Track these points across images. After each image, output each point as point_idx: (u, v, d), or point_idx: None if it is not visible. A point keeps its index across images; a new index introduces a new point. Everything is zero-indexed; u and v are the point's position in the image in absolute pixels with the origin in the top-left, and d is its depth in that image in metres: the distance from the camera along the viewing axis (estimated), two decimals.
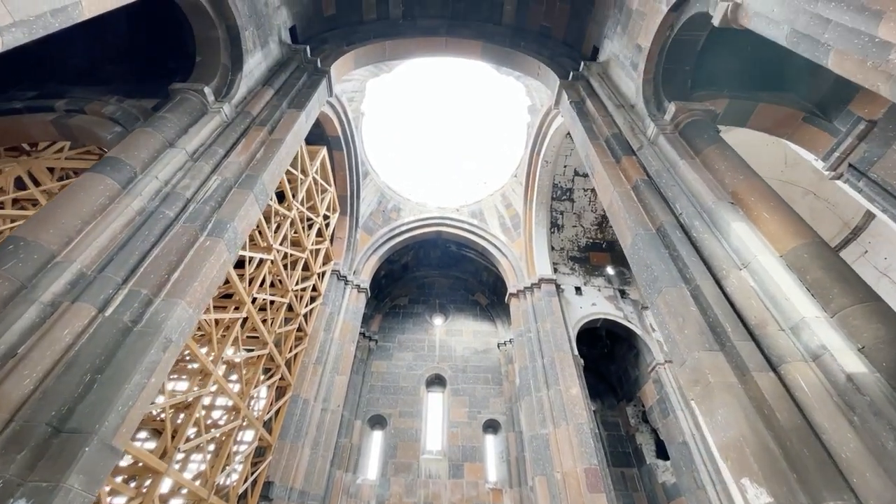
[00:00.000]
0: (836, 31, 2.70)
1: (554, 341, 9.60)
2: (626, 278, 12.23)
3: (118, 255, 3.20)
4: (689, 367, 3.22)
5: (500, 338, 13.61)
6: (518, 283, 11.57)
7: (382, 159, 12.79)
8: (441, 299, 14.93)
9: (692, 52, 5.08)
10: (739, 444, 2.66)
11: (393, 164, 13.29)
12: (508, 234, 12.88)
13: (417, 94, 13.57)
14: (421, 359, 13.04)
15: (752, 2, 3.48)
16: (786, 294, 2.99)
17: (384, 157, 12.94)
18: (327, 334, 9.65)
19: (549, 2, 8.07)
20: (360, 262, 11.82)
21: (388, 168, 13.00)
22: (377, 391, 12.15)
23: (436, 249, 14.91)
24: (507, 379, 12.49)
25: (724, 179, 3.95)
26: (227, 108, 4.78)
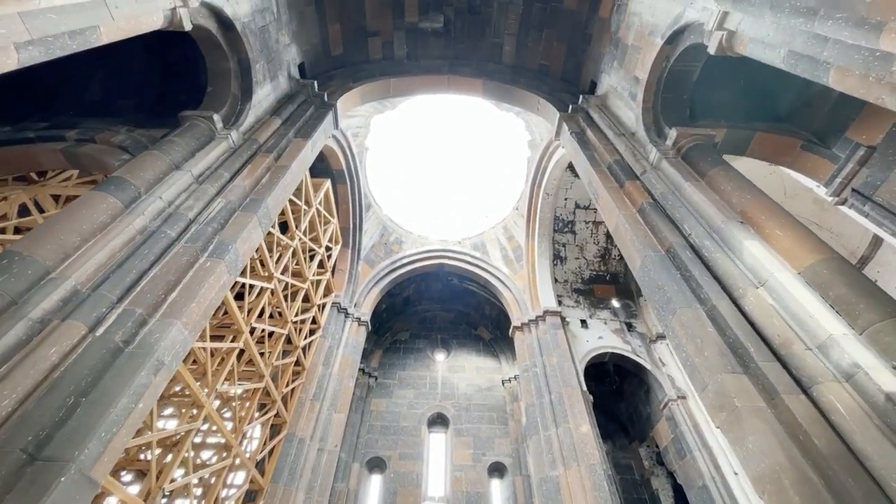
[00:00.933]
0: (836, 49, 2.75)
1: (561, 376, 9.24)
2: (631, 311, 12.00)
3: (115, 273, 3.10)
4: (711, 392, 3.03)
5: (505, 374, 13.17)
6: (522, 316, 11.34)
7: (385, 193, 12.97)
8: (443, 334, 14.59)
9: (688, 82, 5.23)
10: (776, 475, 2.43)
11: (395, 197, 13.46)
12: (511, 266, 12.79)
13: (420, 130, 13.99)
14: (422, 396, 12.54)
15: (746, 28, 3.59)
16: (809, 311, 2.86)
17: (387, 190, 13.13)
18: (326, 369, 9.32)
19: (546, 41, 8.46)
20: (361, 294, 11.65)
21: (391, 201, 13.14)
22: (376, 431, 11.58)
23: (437, 282, 14.77)
24: (512, 418, 11.94)
25: (732, 199, 3.92)
26: (235, 135, 4.86)
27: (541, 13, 8.28)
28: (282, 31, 6.25)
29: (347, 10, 8.08)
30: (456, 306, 15.18)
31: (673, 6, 4.82)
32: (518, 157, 12.24)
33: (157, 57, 6.64)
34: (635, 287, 12.43)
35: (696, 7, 4.35)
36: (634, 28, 5.82)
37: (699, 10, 4.30)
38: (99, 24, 2.98)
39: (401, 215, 13.32)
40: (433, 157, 14.40)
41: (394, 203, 13.23)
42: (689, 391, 9.65)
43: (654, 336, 11.03)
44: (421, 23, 8.92)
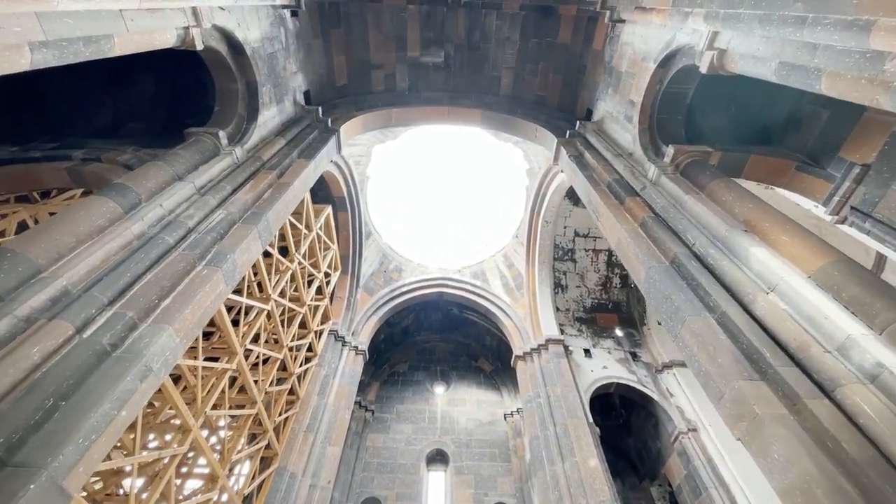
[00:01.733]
0: (826, 55, 2.84)
1: (566, 406, 8.89)
2: (636, 340, 11.75)
3: (109, 276, 3.02)
4: (729, 401, 2.87)
5: (507, 408, 12.68)
6: (524, 345, 11.07)
7: (385, 221, 13.05)
8: (442, 366, 14.20)
9: (682, 103, 5.39)
10: (806, 486, 2.25)
11: (395, 226, 13.54)
12: (511, 294, 12.65)
13: (420, 160, 14.30)
14: (421, 432, 12.00)
15: (737, 45, 3.74)
16: (824, 313, 2.76)
17: (387, 219, 13.22)
18: (321, 399, 8.96)
19: (543, 74, 8.82)
20: (359, 322, 11.43)
21: (391, 230, 13.20)
22: (372, 469, 10.97)
23: (437, 312, 14.56)
24: (515, 454, 11.36)
25: (734, 209, 3.91)
26: (239, 151, 4.93)
27: (537, 48, 8.69)
28: (289, 60, 6.51)
29: (352, 43, 8.47)
30: (456, 337, 14.88)
31: (663, 33, 5.05)
32: (517, 185, 12.44)
33: (167, 82, 6.88)
34: (638, 316, 12.25)
35: (686, 31, 4.55)
36: (627, 56, 6.08)
37: (689, 33, 4.49)
38: (114, 34, 3.08)
39: (401, 244, 13.33)
40: (433, 186, 14.65)
41: (394, 231, 13.29)
42: (700, 423, 9.25)
43: (661, 366, 10.73)
44: (422, 57, 9.32)
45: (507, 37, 8.88)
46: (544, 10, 8.13)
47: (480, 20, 8.86)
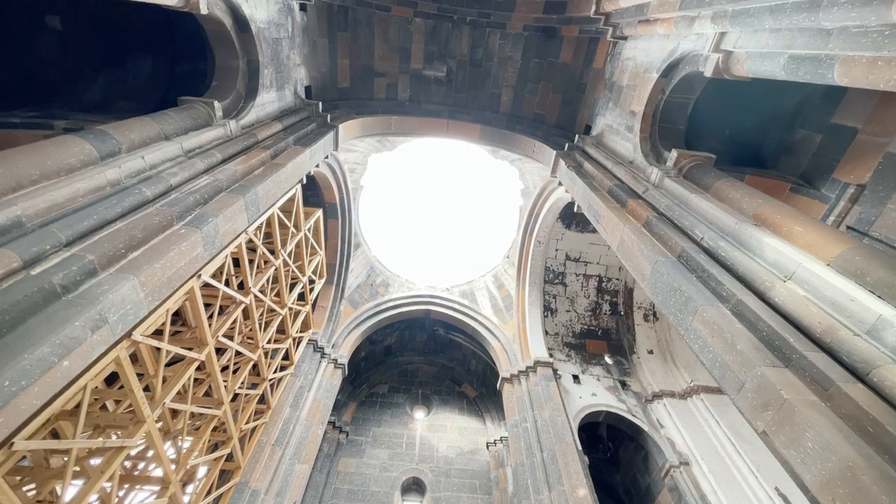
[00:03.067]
0: (841, 39, 2.84)
1: (554, 432, 8.43)
2: (625, 369, 11.45)
3: (73, 216, 2.69)
4: (750, 391, 2.62)
5: (490, 436, 12.04)
6: (511, 367, 10.66)
7: (375, 233, 12.81)
8: (424, 389, 13.56)
9: (684, 113, 5.44)
10: (849, 474, 1.99)
11: (386, 239, 13.31)
12: (500, 315, 12.34)
13: (415, 176, 14.30)
14: (398, 458, 11.23)
15: (744, 43, 3.78)
16: (850, 296, 2.60)
17: (377, 231, 13.00)
18: (293, 412, 8.32)
19: (543, 92, 9.00)
20: (340, 335, 10.91)
21: (381, 243, 12.95)
22: (342, 496, 10.11)
23: (422, 332, 14.08)
24: (497, 486, 10.65)
25: (742, 206, 3.82)
26: (234, 125, 4.72)
27: (537, 67, 8.91)
28: (293, 51, 6.46)
29: (357, 49, 8.55)
30: (440, 359, 14.34)
31: (666, 43, 5.17)
32: (510, 205, 12.46)
33: (165, 66, 6.74)
34: (628, 344, 12.01)
35: (691, 38, 4.64)
36: (629, 70, 6.21)
37: (694, 39, 4.58)
38: None
39: (389, 258, 13.05)
40: (426, 202, 14.59)
41: (383, 245, 13.04)
42: (692, 456, 8.84)
43: (650, 395, 10.39)
44: (425, 70, 9.46)
45: (509, 56, 9.10)
46: (547, 32, 8.39)
47: (484, 39, 9.09)
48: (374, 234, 12.73)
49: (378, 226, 13.15)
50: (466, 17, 8.84)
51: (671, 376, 10.85)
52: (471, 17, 8.77)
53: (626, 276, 12.26)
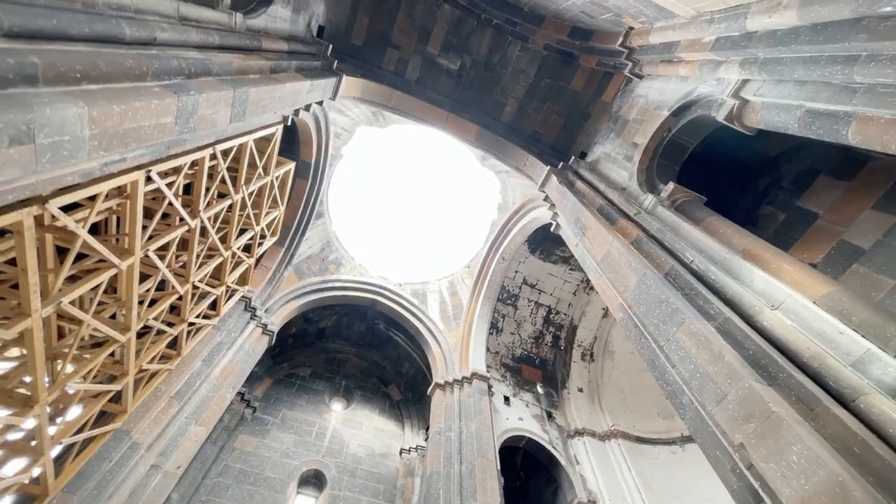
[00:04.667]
0: (867, 96, 3.02)
1: (478, 445, 8.17)
2: (554, 401, 11.55)
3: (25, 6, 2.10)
4: (734, 402, 2.56)
5: (406, 443, 11.51)
6: (447, 375, 10.35)
7: (342, 208, 12.19)
8: (349, 381, 12.82)
9: (682, 155, 5.67)
10: (839, 490, 1.91)
11: (350, 217, 12.69)
12: (447, 322, 12.08)
13: (398, 163, 13.93)
14: (303, 446, 10.35)
15: (765, 92, 3.97)
16: (839, 328, 2.64)
17: (344, 207, 12.38)
18: (205, 367, 7.39)
19: (546, 112, 9.16)
20: (277, 302, 10.05)
21: (344, 219, 12.32)
22: (231, 475, 9.05)
23: (361, 323, 13.43)
24: (401, 496, 10.10)
25: (732, 241, 3.93)
26: (239, 19, 4.20)
27: (547, 88, 9.08)
28: None
29: (380, 13, 8.25)
30: (373, 355, 13.69)
31: (684, 85, 5.40)
32: (484, 217, 12.42)
33: None
34: (561, 378, 12.17)
35: (710, 82, 4.86)
36: (639, 106, 6.44)
37: (713, 84, 4.80)
38: None
39: (349, 237, 12.42)
40: (401, 193, 14.21)
41: (346, 222, 12.41)
42: (601, 495, 8.94)
43: (573, 431, 10.51)
44: (439, 57, 9.31)
45: (523, 69, 9.21)
46: (565, 56, 8.60)
47: (504, 46, 9.14)
48: (340, 208, 12.12)
49: (346, 202, 12.54)
50: (493, 20, 8.86)
51: (595, 417, 11.08)
52: (497, 21, 8.81)
53: (574, 312, 12.57)
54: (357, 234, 12.73)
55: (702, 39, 4.68)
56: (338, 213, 11.90)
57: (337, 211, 11.85)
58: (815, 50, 3.27)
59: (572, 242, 6.91)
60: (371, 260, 12.84)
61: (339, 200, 11.92)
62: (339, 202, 11.94)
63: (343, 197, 12.24)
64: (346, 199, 12.52)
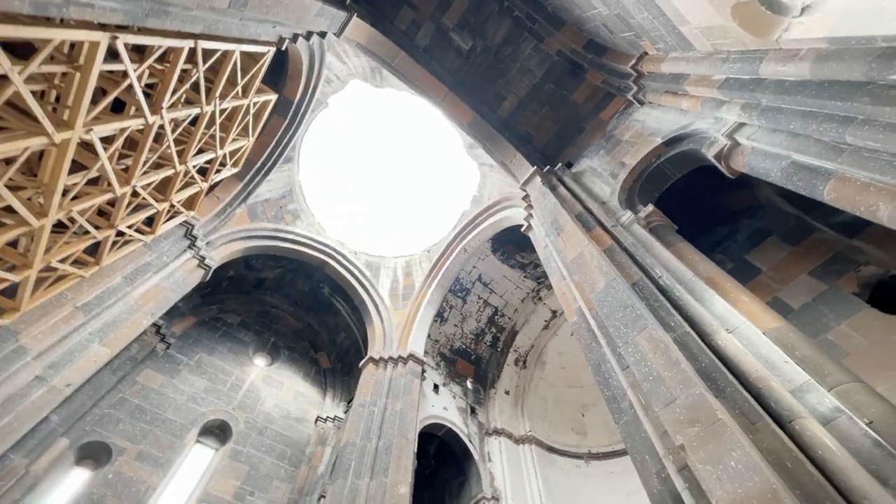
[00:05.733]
0: (852, 157, 3.24)
1: (400, 425, 8.06)
2: (480, 398, 11.72)
3: None
4: (682, 406, 2.63)
5: (325, 412, 11.15)
6: (384, 351, 10.15)
7: (313, 160, 11.54)
8: (278, 339, 12.20)
9: (664, 184, 5.89)
10: (771, 496, 2.00)
11: (319, 172, 12.06)
12: (395, 301, 11.86)
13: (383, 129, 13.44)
14: (215, 394, 9.69)
15: (759, 137, 4.19)
16: (784, 357, 2.80)
17: (316, 159, 11.74)
18: (125, 284, 6.64)
19: (542, 116, 9.21)
20: (222, 238, 9.31)
21: (312, 172, 11.67)
22: (125, 409, 8.26)
23: (306, 283, 12.84)
24: (308, 463, 9.76)
25: (698, 267, 4.10)
26: None
27: (549, 93, 9.13)
28: None
29: None
30: (310, 318, 13.13)
31: (682, 118, 5.60)
32: (455, 206, 12.27)
33: None
34: (491, 379, 12.37)
35: (708, 120, 5.07)
36: (634, 130, 6.62)
37: (710, 122, 5.00)
38: None
39: (313, 191, 11.78)
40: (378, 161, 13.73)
41: (314, 176, 11.77)
42: (505, 494, 9.17)
43: (492, 430, 10.72)
44: (453, 32, 9.08)
45: (530, 69, 9.20)
46: (574, 67, 8.68)
47: (518, 40, 9.08)
48: (312, 159, 11.47)
49: (319, 154, 11.89)
50: (515, 11, 8.76)
51: (515, 420, 11.38)
52: (519, 13, 8.72)
53: (519, 318, 12.83)
54: (322, 190, 12.14)
55: (711, 77, 4.87)
56: (308, 164, 11.26)
57: (307, 161, 11.21)
58: (817, 105, 3.47)
59: (541, 244, 6.99)
60: (331, 220, 12.31)
61: (313, 151, 11.29)
62: (312, 153, 11.30)
63: (317, 148, 11.61)
64: (320, 151, 11.90)
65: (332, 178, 12.62)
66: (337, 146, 12.67)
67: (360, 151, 13.18)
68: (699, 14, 4.31)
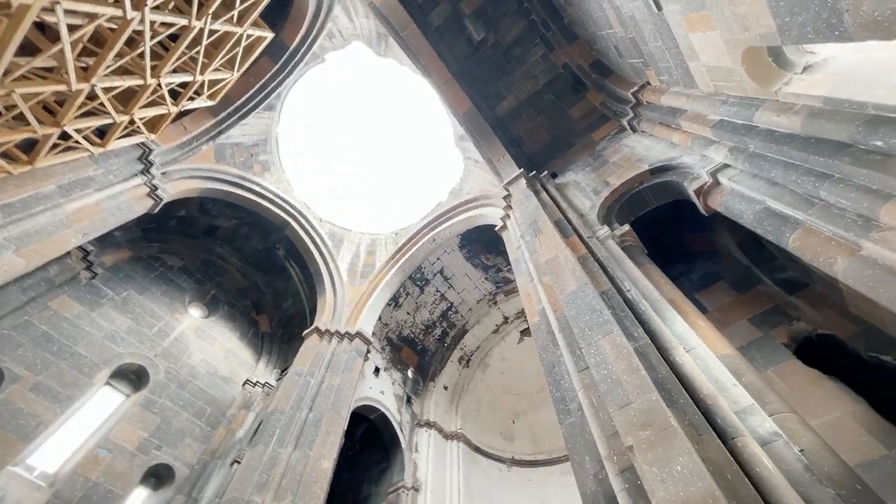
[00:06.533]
0: (821, 211, 3.46)
1: (335, 400, 7.82)
2: (418, 389, 11.66)
3: None
4: (636, 409, 2.67)
5: (255, 377, 10.60)
6: (331, 324, 9.81)
7: (296, 115, 10.97)
8: (220, 293, 11.49)
9: (641, 209, 6.09)
10: (711, 502, 2.05)
11: (301, 129, 11.49)
12: (353, 277, 11.52)
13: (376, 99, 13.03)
14: (137, 337, 8.92)
15: (739, 180, 4.41)
16: (733, 381, 2.93)
17: (300, 115, 11.17)
18: (58, 194, 5.92)
19: (537, 124, 9.31)
20: (180, 172, 8.60)
21: (292, 126, 11.10)
22: (29, 335, 7.39)
23: (262, 240, 12.16)
24: (228, 425, 9.22)
25: (663, 289, 4.25)
26: None
27: (548, 103, 9.25)
28: None
29: None
30: (258, 278, 12.45)
31: (670, 151, 5.83)
32: (432, 195, 12.14)
33: None
34: (432, 372, 12.34)
35: (695, 156, 5.29)
36: (623, 153, 6.81)
37: (697, 158, 5.23)
38: None
39: (289, 146, 11.20)
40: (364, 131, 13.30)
41: (293, 130, 11.20)
42: (425, 485, 9.14)
43: (424, 421, 10.69)
44: (468, 19, 8.99)
45: (535, 75, 9.28)
46: (577, 83, 8.84)
47: (529, 44, 9.14)
48: (295, 113, 10.90)
49: (304, 110, 11.32)
50: (532, 14, 8.81)
51: (448, 416, 11.41)
52: (535, 16, 8.78)
53: (471, 318, 12.91)
54: (299, 148, 11.59)
55: (707, 116, 5.08)
56: (290, 116, 10.68)
57: (290, 114, 10.64)
58: (801, 158, 3.69)
59: (514, 245, 7.02)
60: (301, 181, 11.77)
61: (298, 105, 10.73)
62: (297, 106, 10.75)
63: (303, 103, 11.04)
64: (306, 107, 11.34)
65: (311, 138, 12.07)
66: (324, 107, 12.13)
67: (347, 118, 12.71)
68: (712, 52, 4.48)
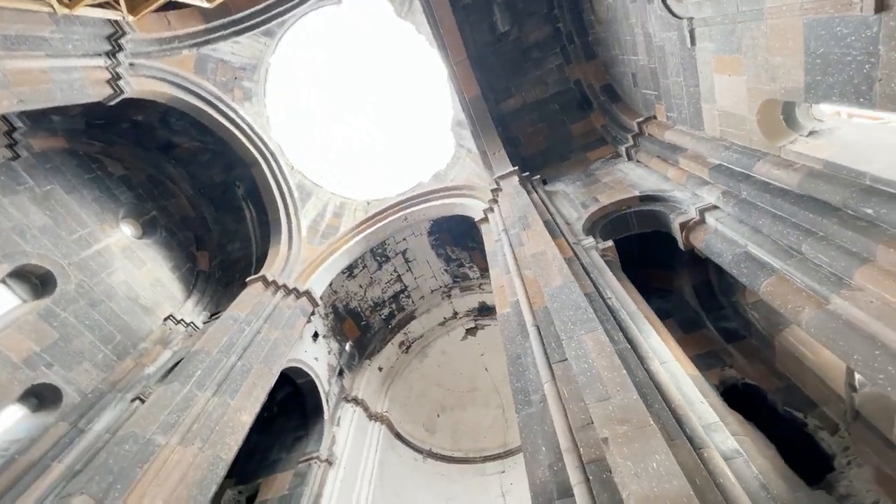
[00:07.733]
0: (797, 263, 3.70)
1: (268, 353, 7.32)
2: (352, 363, 11.31)
3: None
4: (615, 405, 2.67)
5: (181, 314, 9.69)
6: (280, 276, 9.19)
7: (294, 50, 10.23)
8: (161, 216, 10.40)
9: (625, 231, 6.26)
10: (685, 501, 2.06)
11: (294, 67, 10.73)
12: (313, 236, 10.90)
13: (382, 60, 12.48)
14: (52, 238, 7.80)
15: (725, 223, 4.64)
16: (700, 399, 3.03)
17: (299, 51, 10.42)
18: (3, 47, 4.98)
19: (538, 130, 9.40)
20: (151, 70, 7.66)
21: (287, 61, 10.33)
22: None
23: (223, 174, 11.19)
24: (137, 358, 8.32)
25: (640, 305, 4.35)
26: None
27: (552, 113, 9.38)
28: None
29: None
30: (208, 212, 11.42)
31: (663, 184, 6.06)
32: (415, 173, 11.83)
33: None
34: (371, 350, 12.02)
35: (686, 193, 5.52)
36: (615, 176, 7.01)
37: (687, 195, 5.46)
38: None
39: (277, 82, 10.37)
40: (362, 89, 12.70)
41: (287, 66, 10.42)
42: (339, 462, 8.83)
43: (351, 397, 10.36)
44: (496, 7, 8.90)
45: (546, 82, 9.38)
46: (583, 101, 9.02)
47: (548, 51, 9.22)
48: (294, 49, 10.16)
49: (305, 49, 10.59)
50: (558, 22, 8.90)
51: (377, 397, 11.17)
52: (561, 25, 8.88)
53: (422, 306, 12.75)
54: (288, 86, 10.81)
55: (707, 158, 5.33)
56: (288, 50, 9.93)
57: (289, 46, 9.89)
58: (790, 213, 3.94)
59: (493, 237, 6.96)
60: (280, 123, 10.98)
61: (300, 40, 10.01)
62: (299, 41, 10.02)
63: (306, 42, 10.33)
64: (308, 47, 10.62)
65: (303, 81, 11.32)
66: (327, 51, 11.43)
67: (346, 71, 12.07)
68: (731, 97, 4.69)
